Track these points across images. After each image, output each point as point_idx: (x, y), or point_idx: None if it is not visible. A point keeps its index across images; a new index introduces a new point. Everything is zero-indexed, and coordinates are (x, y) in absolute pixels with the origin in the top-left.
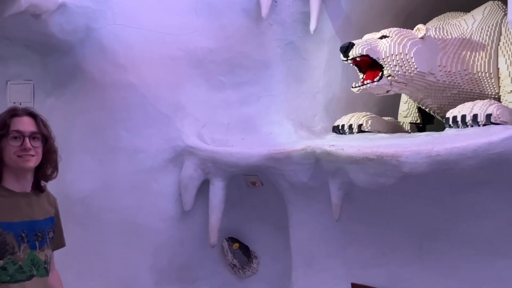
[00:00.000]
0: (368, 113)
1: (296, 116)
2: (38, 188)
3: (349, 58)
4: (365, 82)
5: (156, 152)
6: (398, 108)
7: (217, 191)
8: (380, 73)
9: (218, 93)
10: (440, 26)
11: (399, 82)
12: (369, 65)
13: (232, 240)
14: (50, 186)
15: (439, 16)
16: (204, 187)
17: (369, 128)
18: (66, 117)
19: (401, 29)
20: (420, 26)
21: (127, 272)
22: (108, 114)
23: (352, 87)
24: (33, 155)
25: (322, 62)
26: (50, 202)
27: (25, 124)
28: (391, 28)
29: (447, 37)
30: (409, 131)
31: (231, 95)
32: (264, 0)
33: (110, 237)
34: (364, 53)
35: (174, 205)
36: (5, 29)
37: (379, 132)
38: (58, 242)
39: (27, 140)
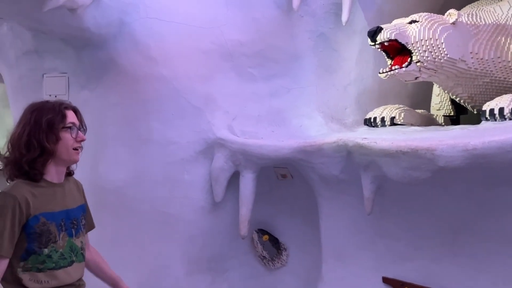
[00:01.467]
0: (400, 106)
1: (327, 109)
2: (67, 174)
3: (376, 42)
4: (393, 67)
5: (187, 144)
6: (431, 100)
7: (247, 183)
8: (409, 58)
9: (249, 85)
10: (473, 12)
11: (428, 69)
12: (397, 51)
13: (262, 232)
14: (85, 176)
15: (473, 4)
16: (234, 179)
17: (402, 121)
18: (99, 109)
19: (432, 14)
20: (451, 11)
21: (159, 262)
22: (140, 106)
23: (380, 73)
24: (80, 147)
25: (353, 53)
26: (79, 189)
27: (74, 117)
28: (421, 13)
29: (481, 23)
30: (443, 124)
31: (261, 88)
32: None
33: (143, 227)
34: (393, 38)
35: (205, 196)
36: (42, 23)
37: (412, 125)
38: (90, 225)
39: (80, 132)
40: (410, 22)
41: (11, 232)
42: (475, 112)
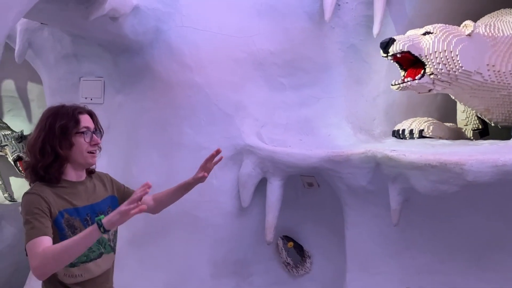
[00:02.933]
0: (429, 119)
1: (356, 119)
2: (89, 172)
3: (389, 54)
4: (405, 79)
5: None
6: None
7: (274, 190)
8: (422, 70)
9: (278, 94)
10: (491, 23)
11: (442, 81)
12: (411, 62)
13: (287, 238)
14: (118, 177)
15: (491, 14)
16: (261, 185)
17: (430, 134)
18: (134, 113)
19: (447, 25)
20: (467, 22)
21: (186, 263)
22: (173, 112)
23: (392, 85)
24: (97, 150)
25: (383, 65)
26: (104, 182)
27: (89, 121)
28: (436, 24)
29: (498, 34)
30: (472, 138)
31: (290, 97)
32: (328, 3)
33: (171, 228)
34: (405, 50)
35: (232, 201)
36: (84, 30)
37: (440, 138)
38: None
39: (95, 135)
40: (424, 34)
41: (42, 217)
42: (492, 124)
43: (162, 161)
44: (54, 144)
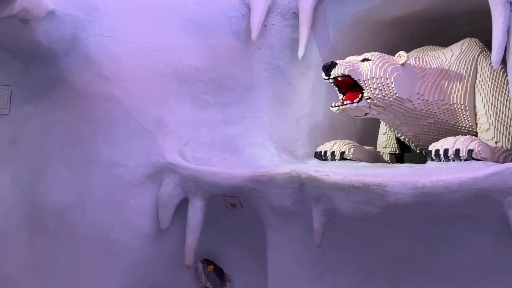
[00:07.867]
0: (350, 141)
1: (279, 140)
2: None
3: (330, 77)
4: (344, 102)
5: (135, 167)
6: (378, 138)
7: (196, 210)
8: (360, 95)
9: (203, 112)
10: (420, 56)
11: (378, 106)
12: (349, 86)
13: (207, 262)
14: (21, 195)
15: (419, 49)
16: (181, 206)
17: (351, 156)
18: (43, 126)
19: (383, 54)
20: (401, 52)
21: None
22: (88, 125)
23: (332, 107)
24: None
25: (307, 88)
26: None
27: None
28: (374, 52)
29: (426, 66)
30: (388, 161)
31: (215, 115)
32: (254, 23)
33: (82, 252)
34: (346, 73)
35: (150, 223)
36: None
37: (360, 160)
38: None
39: None
40: (363, 60)
41: None
42: (418, 151)
43: (73, 179)
44: None
